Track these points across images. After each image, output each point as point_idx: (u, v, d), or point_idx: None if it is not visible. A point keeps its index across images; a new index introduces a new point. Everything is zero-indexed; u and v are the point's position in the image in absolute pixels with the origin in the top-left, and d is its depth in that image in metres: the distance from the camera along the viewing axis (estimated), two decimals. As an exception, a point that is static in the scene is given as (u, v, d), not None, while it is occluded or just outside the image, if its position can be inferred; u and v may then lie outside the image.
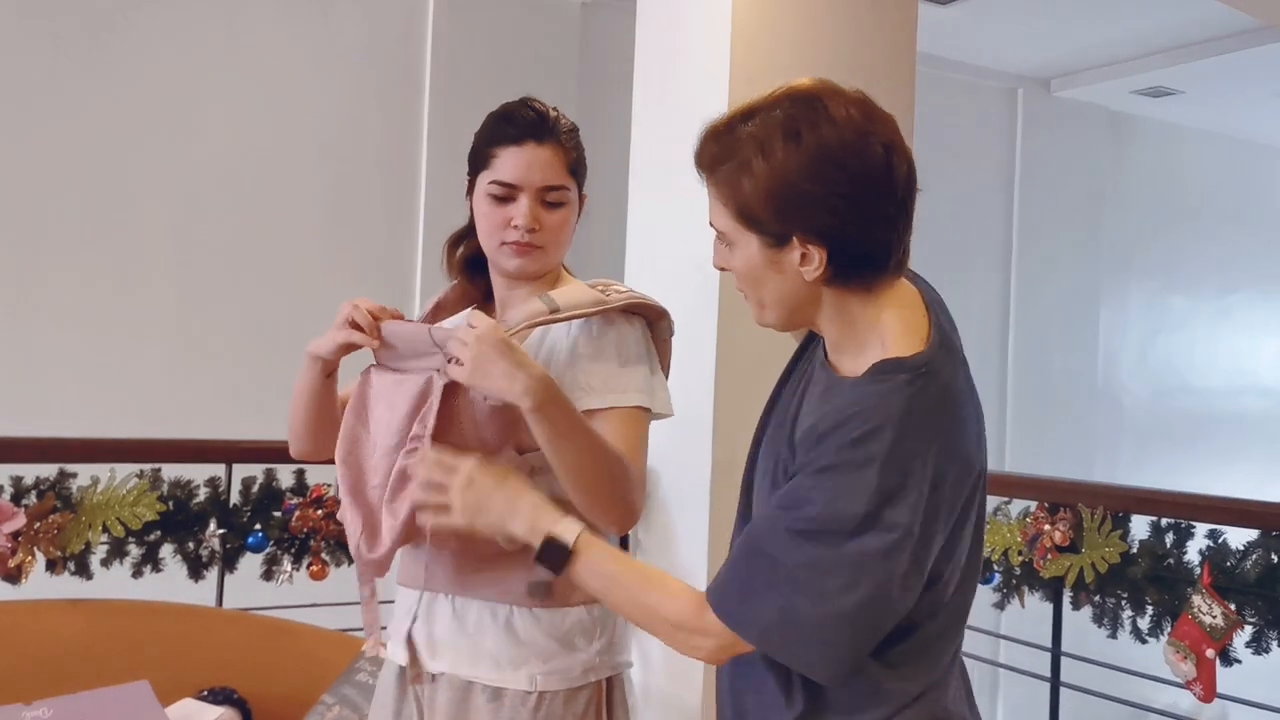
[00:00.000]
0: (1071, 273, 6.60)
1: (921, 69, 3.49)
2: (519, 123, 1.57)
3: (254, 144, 4.43)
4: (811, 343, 1.40)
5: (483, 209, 1.59)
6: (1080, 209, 6.61)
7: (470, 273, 1.68)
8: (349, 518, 1.53)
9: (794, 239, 1.21)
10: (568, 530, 1.32)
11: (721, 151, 1.24)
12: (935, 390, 1.20)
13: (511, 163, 1.55)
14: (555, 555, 1.31)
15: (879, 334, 1.24)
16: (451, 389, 1.48)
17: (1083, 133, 6.61)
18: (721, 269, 1.32)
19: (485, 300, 1.69)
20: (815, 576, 1.17)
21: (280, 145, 4.48)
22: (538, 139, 1.56)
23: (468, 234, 1.68)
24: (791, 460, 1.26)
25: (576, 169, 1.61)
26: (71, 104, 4.11)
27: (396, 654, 1.64)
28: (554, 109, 1.62)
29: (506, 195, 1.56)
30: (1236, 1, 4.40)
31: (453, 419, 1.49)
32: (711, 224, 1.29)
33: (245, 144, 4.42)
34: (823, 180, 1.19)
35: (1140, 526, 2.76)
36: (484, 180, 1.58)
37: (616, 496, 1.48)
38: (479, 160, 1.60)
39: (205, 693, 2.43)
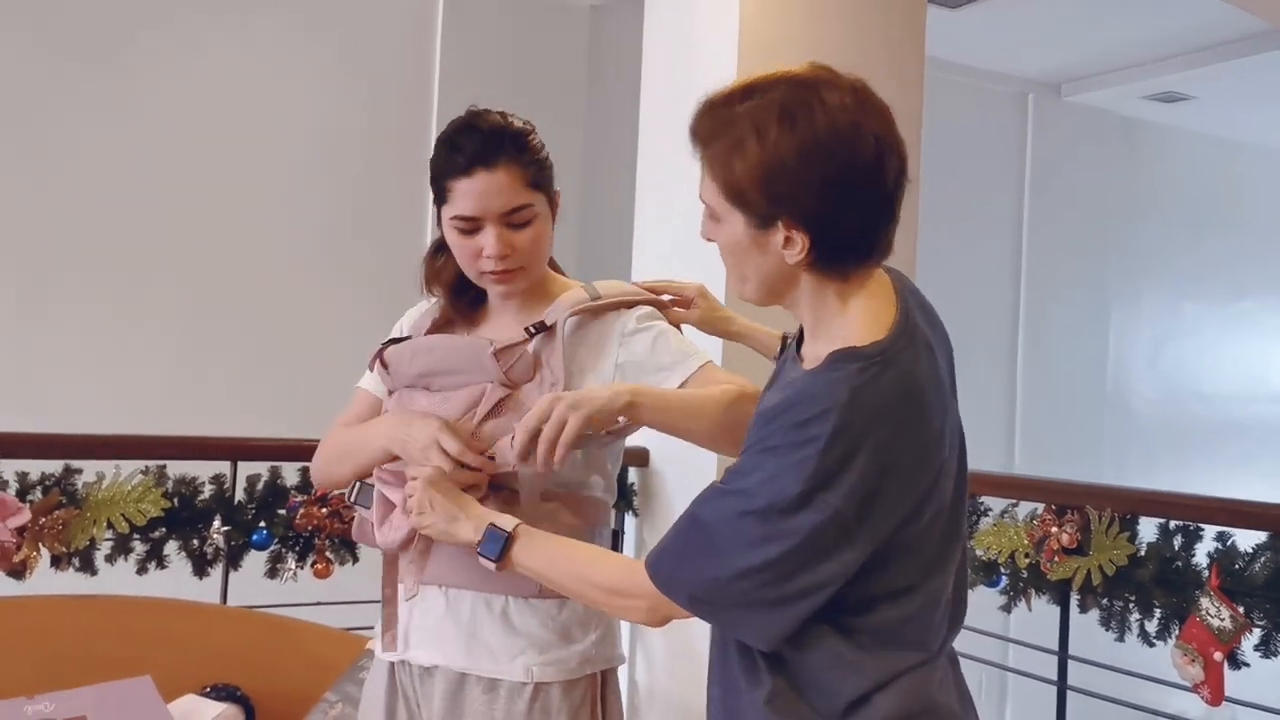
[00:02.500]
0: (1082, 278, 6.58)
1: (931, 73, 3.49)
2: (466, 150, 1.51)
3: (263, 146, 4.45)
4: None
5: (453, 240, 1.57)
6: (1091, 214, 6.59)
7: (456, 288, 1.65)
8: (391, 495, 1.53)
9: (779, 222, 1.24)
10: (507, 521, 1.42)
11: (716, 127, 1.26)
12: (889, 378, 1.22)
13: (467, 196, 1.52)
14: (495, 542, 1.40)
15: (844, 323, 1.27)
16: (503, 403, 1.51)
17: (1094, 138, 6.59)
18: (708, 240, 1.35)
19: (471, 310, 1.67)
20: (745, 547, 1.22)
21: (289, 147, 4.49)
22: (487, 165, 1.50)
23: (437, 259, 1.66)
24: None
25: (538, 179, 1.56)
26: (81, 104, 4.13)
27: (387, 650, 1.63)
28: (501, 117, 1.56)
29: (471, 228, 1.54)
30: (1248, 5, 4.39)
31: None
32: (701, 197, 1.31)
33: (254, 145, 4.43)
34: (813, 166, 1.21)
35: (1148, 529, 2.74)
36: (447, 214, 1.55)
37: (742, 423, 1.47)
38: (437, 193, 1.56)
39: (208, 689, 2.43)
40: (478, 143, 1.51)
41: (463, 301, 1.66)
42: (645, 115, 3.40)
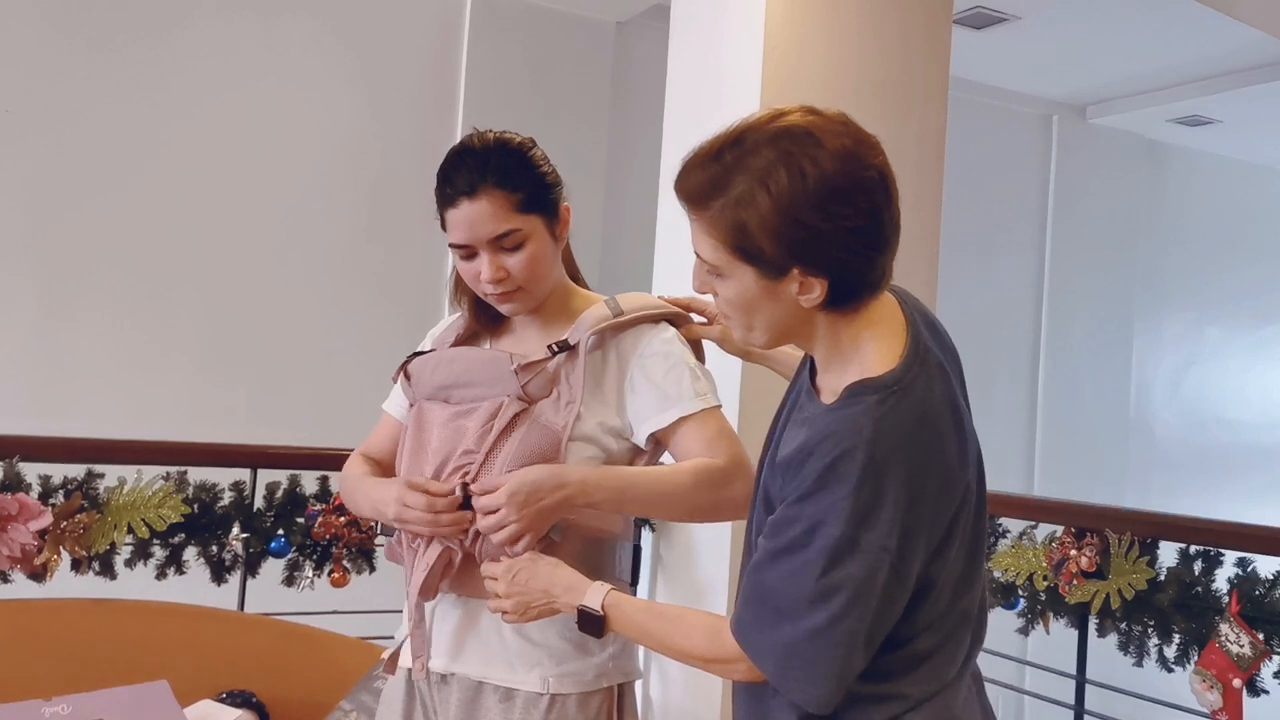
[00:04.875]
0: (1105, 301, 6.55)
1: (955, 94, 3.49)
2: (453, 181, 1.53)
3: (286, 157, 4.48)
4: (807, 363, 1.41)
5: (458, 263, 1.60)
6: (1114, 238, 6.57)
7: (478, 301, 1.66)
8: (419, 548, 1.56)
9: (795, 270, 1.21)
10: (593, 598, 1.42)
11: (711, 183, 1.22)
12: (906, 408, 1.21)
13: (455, 225, 1.54)
14: (592, 622, 1.42)
15: (858, 355, 1.26)
16: (518, 416, 1.52)
17: (1118, 161, 6.57)
18: (703, 293, 1.32)
19: (494, 323, 1.69)
20: (809, 607, 1.20)
21: (312, 159, 4.53)
22: (470, 195, 1.51)
23: None
24: (772, 485, 1.29)
25: (529, 202, 1.54)
26: (107, 111, 4.18)
27: (405, 656, 1.63)
28: (495, 139, 1.56)
29: (466, 254, 1.56)
30: (1275, 30, 4.37)
31: (502, 446, 1.52)
32: (698, 254, 1.27)
33: (277, 156, 4.47)
34: (831, 216, 1.18)
35: (1168, 553, 2.73)
36: (448, 241, 1.58)
37: (719, 505, 1.54)
38: (440, 222, 1.58)
39: (224, 695, 2.44)
40: (463, 173, 1.53)
41: (486, 314, 1.67)
42: (669, 130, 3.42)
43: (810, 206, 1.18)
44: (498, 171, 1.52)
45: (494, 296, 1.58)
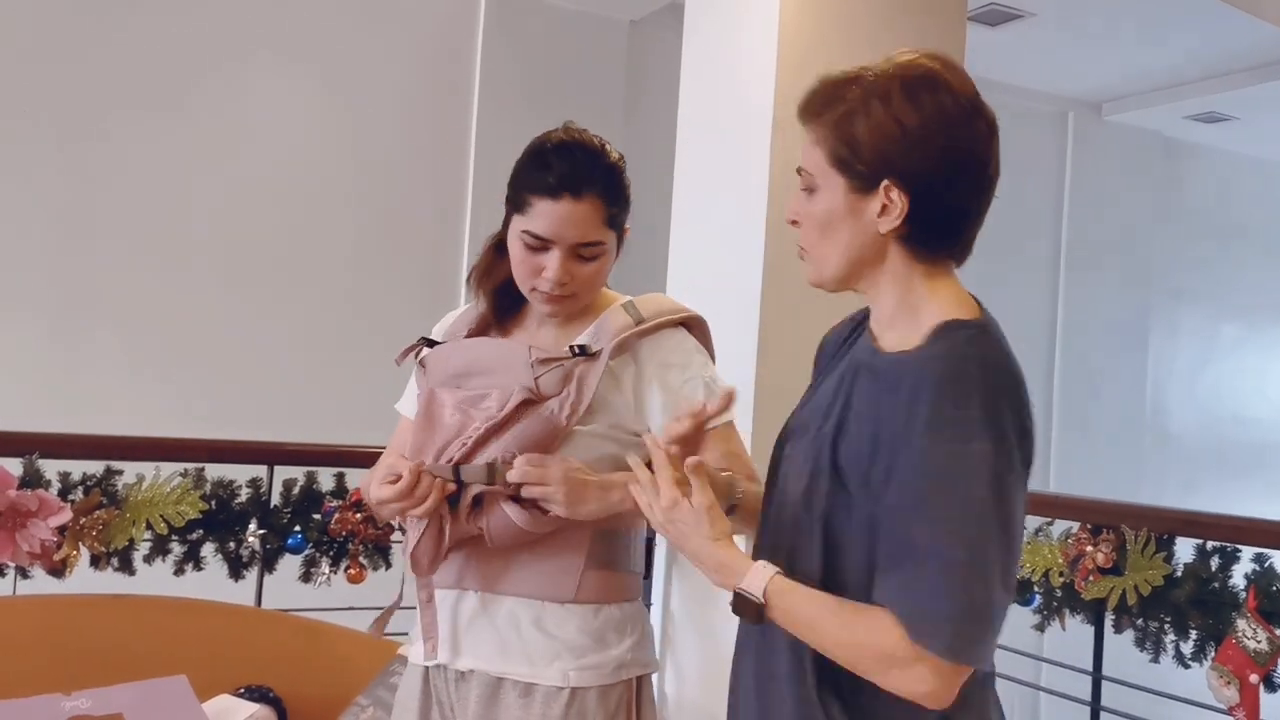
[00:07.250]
0: (1121, 299, 6.53)
1: (969, 89, 3.47)
2: (557, 170, 1.50)
3: (304, 154, 4.51)
4: (844, 341, 1.40)
5: (516, 252, 1.56)
6: (1131, 234, 6.55)
7: (501, 290, 1.65)
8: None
9: (881, 186, 1.24)
10: (753, 583, 1.25)
11: (833, 97, 1.28)
12: (1001, 350, 1.23)
13: (545, 217, 1.50)
14: (748, 607, 1.25)
15: (936, 303, 1.27)
16: (523, 407, 1.51)
17: (1134, 158, 6.55)
18: (792, 223, 1.33)
19: (508, 314, 1.67)
20: (982, 569, 1.15)
21: (330, 155, 4.55)
22: (574, 193, 1.49)
23: (497, 259, 1.64)
24: (845, 448, 1.24)
25: (615, 219, 1.54)
26: (121, 107, 4.20)
27: (420, 653, 1.63)
28: (599, 143, 1.55)
29: (539, 246, 1.53)
30: (1292, 25, 4.35)
31: (507, 431, 1.51)
32: (800, 168, 1.31)
33: (296, 153, 4.49)
34: (933, 133, 1.23)
35: (1185, 549, 2.72)
36: (519, 224, 1.54)
37: None
38: (516, 201, 1.55)
39: (242, 690, 2.45)
40: (571, 167, 1.50)
41: (505, 303, 1.66)
42: (682, 129, 3.41)
43: (917, 121, 1.23)
44: (604, 181, 1.52)
45: (543, 295, 1.56)
